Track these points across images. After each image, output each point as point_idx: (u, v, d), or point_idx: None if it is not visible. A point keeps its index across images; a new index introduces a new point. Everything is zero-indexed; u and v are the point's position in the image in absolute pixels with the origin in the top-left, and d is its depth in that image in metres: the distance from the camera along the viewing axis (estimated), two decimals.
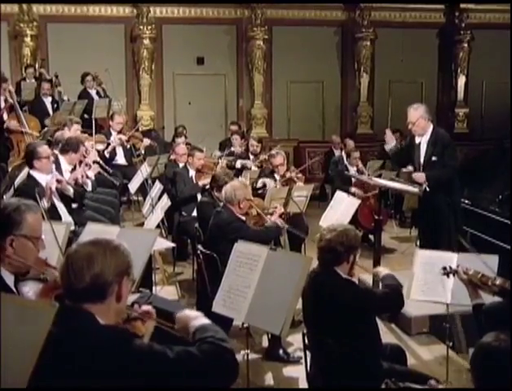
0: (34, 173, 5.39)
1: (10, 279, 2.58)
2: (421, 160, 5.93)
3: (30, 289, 2.65)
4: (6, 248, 2.55)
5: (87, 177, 6.39)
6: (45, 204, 5.09)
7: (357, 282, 3.42)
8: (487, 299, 3.33)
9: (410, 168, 8.01)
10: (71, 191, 5.36)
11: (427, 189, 5.86)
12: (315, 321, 3.43)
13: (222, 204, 5.24)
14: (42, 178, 5.35)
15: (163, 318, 2.27)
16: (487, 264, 3.61)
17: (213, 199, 5.85)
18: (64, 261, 2.09)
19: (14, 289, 2.58)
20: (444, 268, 3.58)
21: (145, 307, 2.29)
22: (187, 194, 6.93)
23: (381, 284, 3.66)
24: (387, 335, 4.86)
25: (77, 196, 5.44)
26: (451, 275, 3.56)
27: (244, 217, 5.09)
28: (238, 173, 7.85)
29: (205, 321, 2.22)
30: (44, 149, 5.46)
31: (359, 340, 3.25)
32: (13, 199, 3.25)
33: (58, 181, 5.23)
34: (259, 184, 6.67)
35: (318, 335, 3.38)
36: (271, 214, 5.36)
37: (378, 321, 3.61)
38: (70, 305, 2.06)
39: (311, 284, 3.41)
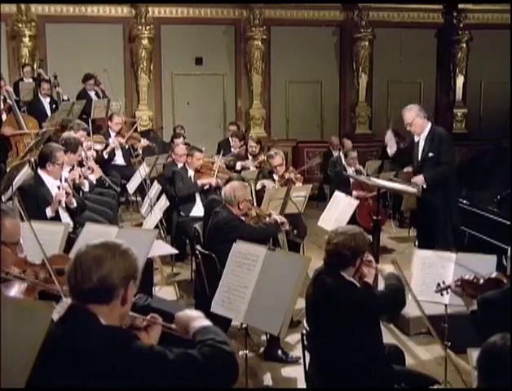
0: (43, 175, 5.40)
1: None
2: (419, 157, 6.00)
3: (13, 290, 2.64)
4: None
5: (85, 178, 6.41)
6: (50, 212, 5.14)
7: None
8: None
9: (409, 168, 8.04)
10: (74, 204, 5.40)
11: (424, 187, 5.90)
12: (315, 321, 3.43)
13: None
14: (50, 182, 5.38)
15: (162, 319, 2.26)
16: (485, 264, 3.61)
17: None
18: (73, 261, 2.11)
19: None
20: (438, 284, 3.62)
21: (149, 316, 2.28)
22: (186, 193, 6.90)
23: (383, 283, 3.66)
24: (386, 335, 4.82)
25: (78, 209, 5.48)
26: (444, 292, 3.60)
27: (243, 218, 5.09)
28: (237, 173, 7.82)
29: (206, 322, 2.22)
30: (61, 155, 5.48)
31: (358, 342, 3.24)
32: None
33: (67, 193, 5.27)
34: (258, 186, 6.65)
35: (318, 334, 3.37)
36: (270, 216, 5.35)
37: None
38: (74, 304, 2.08)
39: (314, 284, 3.41)
